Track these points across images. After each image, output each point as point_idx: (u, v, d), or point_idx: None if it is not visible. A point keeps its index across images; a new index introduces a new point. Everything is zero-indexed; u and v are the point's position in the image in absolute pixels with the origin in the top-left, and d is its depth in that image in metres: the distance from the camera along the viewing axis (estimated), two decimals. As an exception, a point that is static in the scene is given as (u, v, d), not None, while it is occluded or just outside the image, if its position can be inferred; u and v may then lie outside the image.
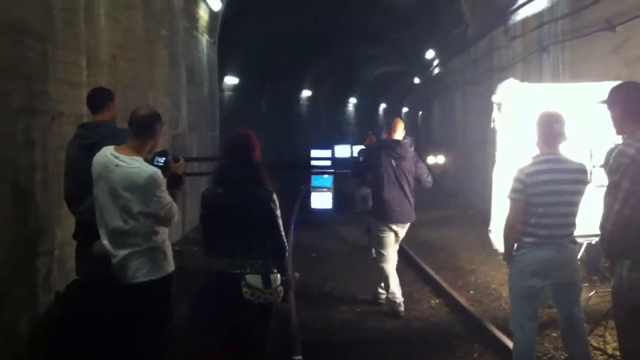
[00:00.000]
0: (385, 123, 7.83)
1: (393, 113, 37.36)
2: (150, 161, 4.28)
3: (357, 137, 29.99)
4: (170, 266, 4.32)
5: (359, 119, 45.64)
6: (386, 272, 7.28)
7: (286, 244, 4.24)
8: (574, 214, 4.55)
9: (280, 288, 4.14)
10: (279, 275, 4.14)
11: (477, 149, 13.91)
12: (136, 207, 4.05)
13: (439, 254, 10.38)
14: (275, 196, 4.13)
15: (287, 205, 15.35)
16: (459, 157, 17.20)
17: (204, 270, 4.20)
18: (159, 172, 4.10)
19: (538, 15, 10.57)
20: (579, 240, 5.20)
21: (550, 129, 4.49)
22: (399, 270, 7.51)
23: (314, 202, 15.74)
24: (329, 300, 8.22)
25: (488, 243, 6.36)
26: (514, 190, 4.50)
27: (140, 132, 4.21)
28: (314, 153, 17.26)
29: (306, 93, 33.25)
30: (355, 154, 11.95)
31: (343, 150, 18.38)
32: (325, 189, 15.73)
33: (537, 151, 4.61)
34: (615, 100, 3.81)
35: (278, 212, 4.13)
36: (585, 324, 4.84)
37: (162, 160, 4.35)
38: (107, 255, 4.19)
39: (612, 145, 4.27)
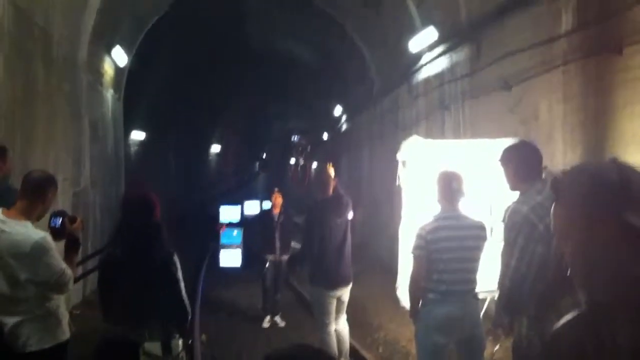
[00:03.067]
0: (317, 180, 7.11)
1: (303, 167, 37.49)
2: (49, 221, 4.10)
3: (266, 192, 29.98)
4: (65, 334, 4.10)
5: (268, 174, 45.80)
6: (331, 346, 6.69)
7: (188, 307, 4.07)
8: (474, 270, 4.64)
9: (183, 354, 3.97)
10: (181, 341, 3.96)
11: (384, 204, 14.10)
12: (23, 275, 3.82)
13: (349, 309, 10.27)
14: (176, 257, 3.99)
15: (196, 262, 15.09)
16: (366, 211, 17.38)
17: (100, 337, 3.98)
18: (47, 237, 3.89)
19: (439, 75, 10.95)
20: (482, 295, 5.30)
21: (449, 187, 4.60)
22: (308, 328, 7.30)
23: (223, 260, 15.27)
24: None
25: (395, 298, 6.34)
26: (415, 247, 4.56)
27: (31, 195, 4.01)
28: (223, 210, 16.95)
29: (215, 149, 33.12)
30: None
31: (252, 207, 18.16)
32: (235, 246, 15.24)
33: (438, 207, 4.71)
34: (509, 158, 3.96)
35: (179, 274, 3.97)
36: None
37: (58, 221, 4.16)
38: None
39: (511, 203, 4.41)
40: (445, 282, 4.52)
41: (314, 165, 45.88)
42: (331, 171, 6.85)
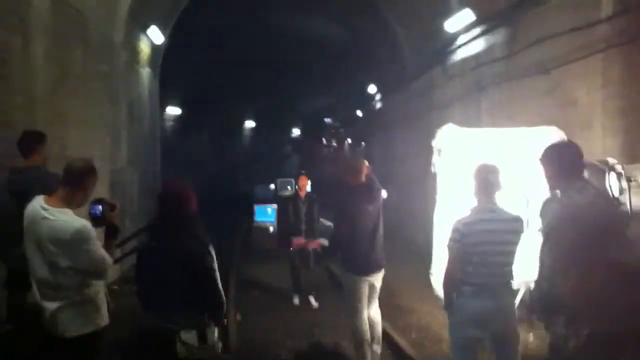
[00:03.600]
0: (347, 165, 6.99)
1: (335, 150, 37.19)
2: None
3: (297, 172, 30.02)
4: (104, 320, 4.19)
5: (300, 154, 45.87)
6: (363, 331, 6.66)
7: (223, 297, 4.13)
8: (509, 264, 4.62)
9: (219, 343, 4.03)
10: (216, 329, 4.02)
11: (418, 185, 14.01)
12: (64, 262, 3.92)
13: (381, 292, 10.29)
14: (211, 248, 4.04)
15: (229, 242, 15.22)
16: (400, 191, 17.32)
17: (137, 326, 4.07)
18: (87, 225, 3.98)
19: (475, 57, 10.82)
20: (518, 284, 5.28)
21: (486, 180, 4.57)
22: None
23: (256, 236, 15.28)
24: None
25: (429, 282, 6.35)
26: (452, 240, 4.55)
27: (72, 183, 4.09)
28: (258, 189, 16.84)
29: (249, 124, 33.24)
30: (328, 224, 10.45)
31: (285, 185, 18.09)
32: (269, 224, 14.93)
33: (475, 200, 4.68)
34: (549, 158, 3.92)
35: (215, 265, 4.03)
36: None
37: (98, 208, 4.24)
38: (39, 306, 4.05)
39: (549, 195, 4.37)
40: (480, 276, 4.50)
41: (347, 143, 45.84)
42: (363, 161, 6.76)
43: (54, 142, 7.42)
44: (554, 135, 6.04)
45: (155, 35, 13.31)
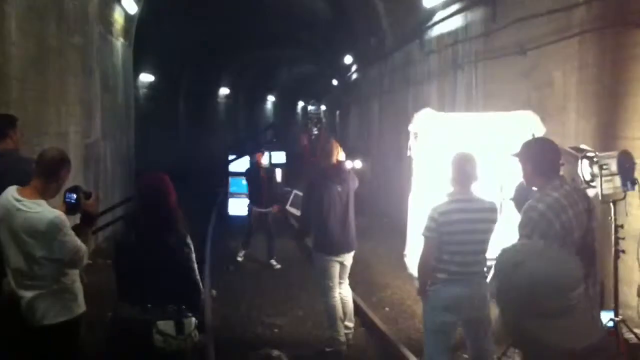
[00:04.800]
0: (320, 146, 7.23)
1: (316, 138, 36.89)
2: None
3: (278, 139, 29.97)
4: (80, 307, 4.22)
5: (278, 118, 45.73)
6: (336, 309, 6.82)
7: (201, 287, 4.15)
8: (484, 251, 4.71)
9: (195, 333, 4.05)
10: (193, 319, 4.04)
11: (393, 158, 14.10)
12: (39, 253, 3.94)
13: (355, 267, 10.41)
14: (189, 240, 4.03)
15: (204, 213, 15.18)
16: (375, 163, 17.38)
17: (114, 317, 4.07)
18: (61, 216, 3.98)
19: (453, 33, 10.81)
20: (488, 263, 5.39)
21: (463, 170, 4.62)
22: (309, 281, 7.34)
23: (231, 209, 15.26)
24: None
25: (402, 257, 6.52)
26: (427, 229, 4.61)
27: (46, 174, 4.07)
28: (232, 160, 16.74)
29: (224, 91, 32.89)
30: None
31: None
32: (243, 195, 15.05)
33: (451, 187, 4.74)
34: (527, 156, 3.96)
35: (192, 256, 4.03)
36: (495, 355, 5.01)
37: (73, 197, 4.22)
38: (14, 294, 4.05)
39: (522, 180, 4.43)
40: (455, 264, 4.58)
41: (322, 107, 45.66)
42: (336, 144, 6.88)
43: (30, 117, 7.36)
44: (529, 119, 6.10)
45: (130, 4, 13.08)
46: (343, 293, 7.02)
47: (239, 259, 11.33)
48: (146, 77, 20.36)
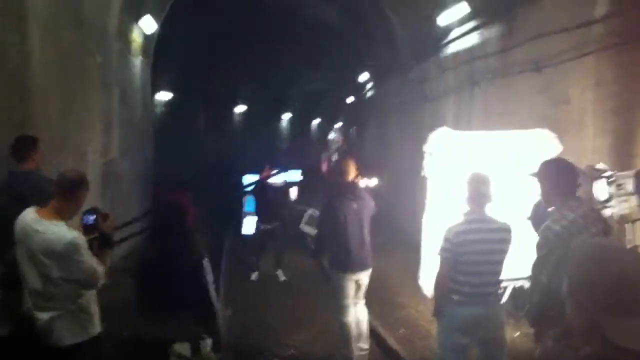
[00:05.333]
0: (338, 166, 7.19)
1: (325, 129, 37.15)
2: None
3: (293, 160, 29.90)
4: (96, 328, 4.22)
5: (294, 134, 45.95)
6: (351, 329, 6.85)
7: (217, 309, 4.14)
8: (498, 272, 4.68)
9: (211, 354, 4.05)
10: (209, 340, 4.04)
11: (410, 174, 14.00)
12: (56, 274, 3.96)
13: (370, 284, 10.33)
14: (206, 262, 4.04)
15: (218, 231, 15.12)
16: (391, 180, 17.32)
17: (131, 336, 4.08)
18: (78, 237, 4.00)
19: (469, 50, 10.79)
20: (505, 283, 5.33)
21: (478, 190, 4.60)
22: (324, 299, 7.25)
23: (244, 228, 15.10)
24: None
25: (417, 275, 6.50)
26: (443, 249, 4.59)
27: (64, 196, 4.11)
28: (246, 178, 16.64)
29: (240, 109, 33.03)
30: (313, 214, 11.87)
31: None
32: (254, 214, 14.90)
33: (466, 207, 4.71)
34: (545, 175, 3.96)
35: (209, 278, 4.03)
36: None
37: (91, 218, 4.25)
38: (32, 316, 4.08)
39: (540, 199, 4.39)
40: (470, 285, 4.55)
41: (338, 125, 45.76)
42: (352, 162, 6.92)
43: (53, 134, 7.44)
44: (546, 137, 6.06)
45: (148, 24, 13.20)
46: (357, 312, 6.97)
47: (253, 278, 11.35)
48: (164, 96, 20.48)
